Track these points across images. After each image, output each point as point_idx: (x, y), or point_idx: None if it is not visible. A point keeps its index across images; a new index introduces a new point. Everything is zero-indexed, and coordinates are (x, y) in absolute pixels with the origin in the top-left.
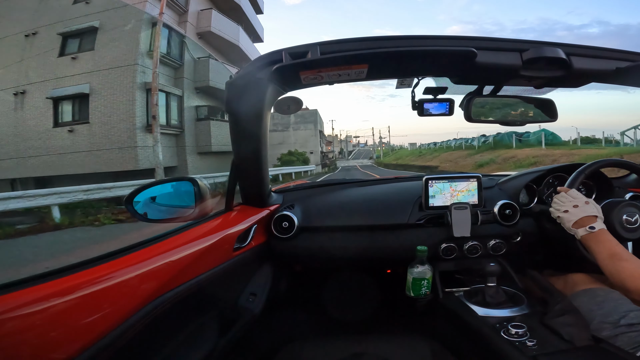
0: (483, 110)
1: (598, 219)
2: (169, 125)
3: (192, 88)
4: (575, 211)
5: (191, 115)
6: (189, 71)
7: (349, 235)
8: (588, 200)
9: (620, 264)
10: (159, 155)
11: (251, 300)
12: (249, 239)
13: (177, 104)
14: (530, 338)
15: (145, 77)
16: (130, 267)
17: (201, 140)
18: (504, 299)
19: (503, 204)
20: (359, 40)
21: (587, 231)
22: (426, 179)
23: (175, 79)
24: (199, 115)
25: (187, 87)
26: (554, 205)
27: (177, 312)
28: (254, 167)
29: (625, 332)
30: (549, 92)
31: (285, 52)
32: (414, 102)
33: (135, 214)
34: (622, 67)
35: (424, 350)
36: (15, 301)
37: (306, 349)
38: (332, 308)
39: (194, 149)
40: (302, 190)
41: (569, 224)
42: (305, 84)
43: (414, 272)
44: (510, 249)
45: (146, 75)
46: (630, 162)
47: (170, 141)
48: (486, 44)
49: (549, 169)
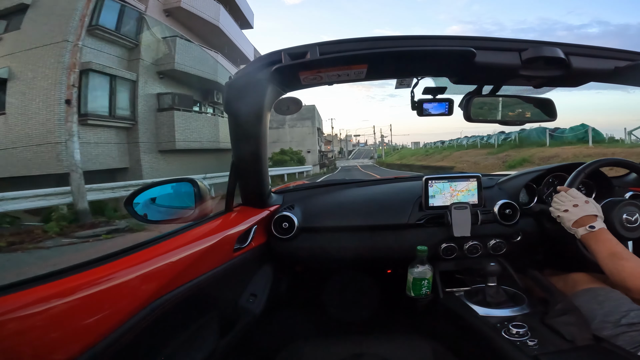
0: (482, 110)
1: (598, 218)
2: (114, 116)
3: (154, 72)
4: (575, 210)
5: (151, 105)
6: (148, 52)
7: (349, 235)
8: (588, 200)
9: (621, 263)
10: (74, 153)
11: (251, 301)
12: (249, 239)
13: (128, 90)
14: (531, 338)
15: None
16: (131, 268)
17: (163, 135)
18: (504, 298)
19: (503, 204)
20: (358, 41)
21: (587, 230)
22: (426, 179)
23: (129, 61)
24: (162, 105)
25: (146, 71)
26: (554, 205)
27: (178, 313)
28: (253, 167)
29: (626, 331)
30: (548, 92)
31: (284, 53)
32: (414, 102)
33: (135, 215)
34: (621, 67)
35: (424, 351)
36: (17, 302)
37: (307, 350)
38: (332, 308)
39: (154, 146)
40: (302, 191)
41: (569, 223)
42: (304, 84)
43: (414, 272)
44: (511, 249)
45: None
46: (630, 161)
47: (119, 136)
48: (485, 44)
49: (548, 169)
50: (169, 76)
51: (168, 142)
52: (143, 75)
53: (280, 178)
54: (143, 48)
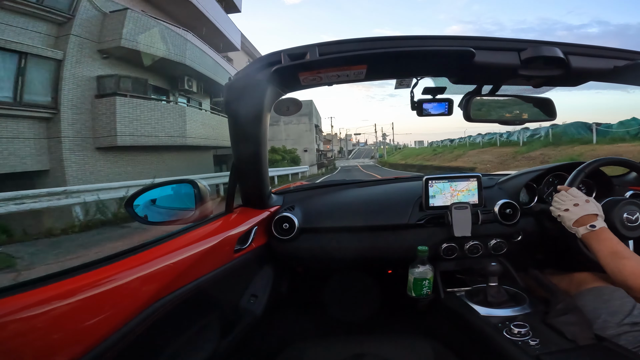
0: (482, 110)
1: (599, 218)
2: (21, 102)
3: (94, 51)
4: (575, 210)
5: (87, 90)
6: (87, 28)
7: (350, 236)
8: (588, 199)
9: (622, 262)
10: None
11: (252, 302)
12: (249, 240)
13: (49, 71)
14: (533, 337)
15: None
16: (132, 270)
17: (101, 128)
18: (505, 298)
19: (503, 204)
20: (358, 41)
21: (588, 229)
22: (426, 179)
23: (58, 38)
24: (102, 90)
25: (80, 49)
26: (554, 204)
27: (179, 314)
28: (253, 168)
29: (628, 330)
30: (548, 92)
31: (284, 54)
32: (413, 102)
33: (136, 216)
34: (621, 66)
35: (425, 351)
36: (18, 304)
37: (308, 350)
38: (333, 309)
39: (89, 142)
40: (303, 192)
41: (569, 223)
42: (304, 85)
43: (415, 272)
44: (512, 249)
45: None
46: (630, 160)
47: (32, 129)
48: (484, 44)
49: (548, 168)
50: (117, 56)
51: (107, 137)
52: (74, 53)
53: (271, 179)
54: (77, 22)
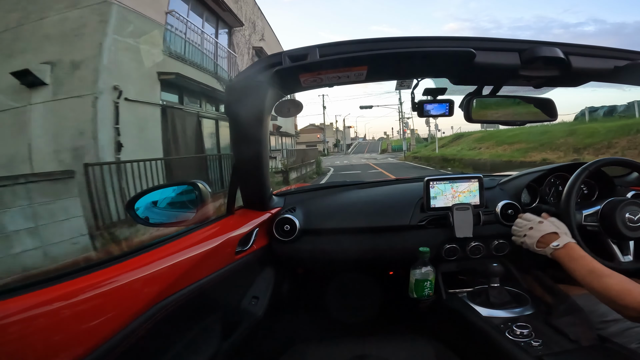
0: (483, 110)
1: (561, 234)
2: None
3: None
4: (532, 233)
5: None
6: None
7: (351, 237)
8: (541, 220)
9: (604, 281)
10: None
11: (253, 304)
12: (250, 242)
13: None
14: (536, 338)
15: None
16: (133, 271)
17: None
18: (508, 299)
19: (505, 204)
20: (358, 42)
21: (553, 248)
22: (427, 180)
23: None
24: None
25: None
26: (514, 233)
27: (180, 316)
28: (254, 170)
29: (631, 327)
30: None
31: (284, 55)
32: (414, 103)
33: (137, 218)
34: (621, 66)
35: (427, 352)
36: (20, 305)
37: (309, 352)
38: (334, 310)
39: None
40: (304, 193)
41: (533, 247)
42: (305, 86)
43: (416, 273)
44: (514, 249)
45: None
46: (632, 161)
47: None
48: (484, 45)
49: (550, 169)
50: None
51: None
52: None
53: None
54: None
